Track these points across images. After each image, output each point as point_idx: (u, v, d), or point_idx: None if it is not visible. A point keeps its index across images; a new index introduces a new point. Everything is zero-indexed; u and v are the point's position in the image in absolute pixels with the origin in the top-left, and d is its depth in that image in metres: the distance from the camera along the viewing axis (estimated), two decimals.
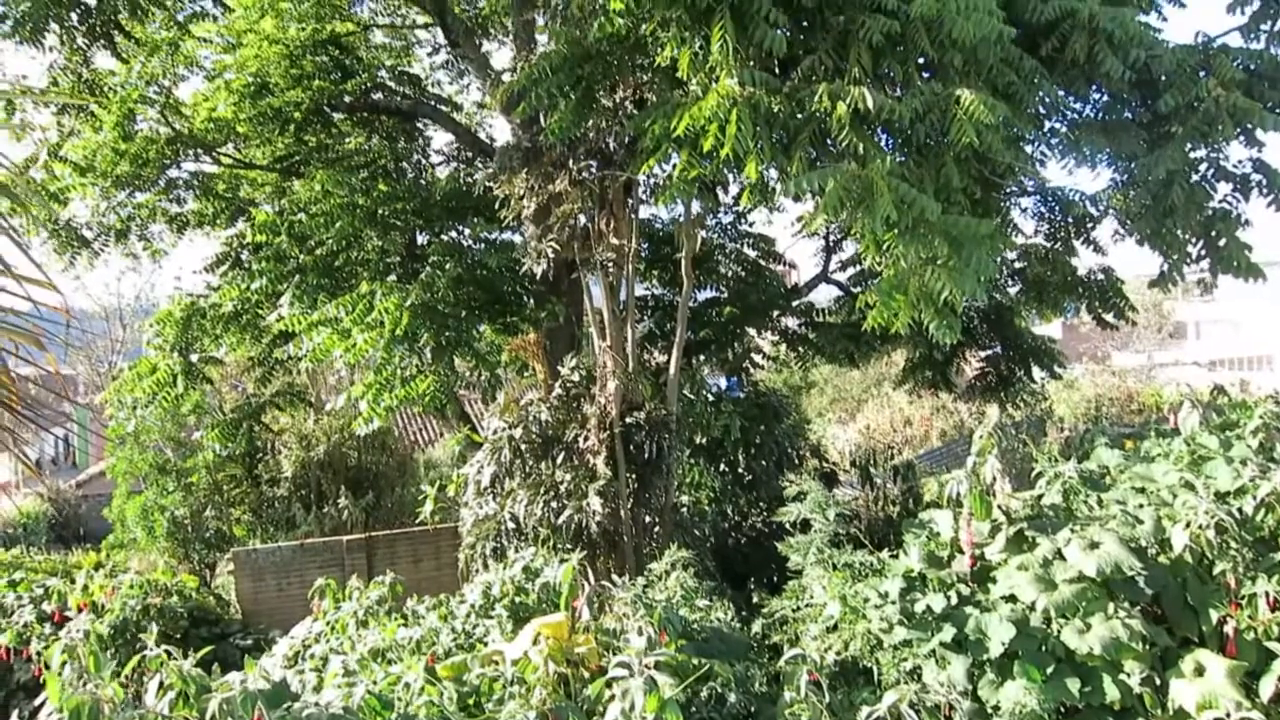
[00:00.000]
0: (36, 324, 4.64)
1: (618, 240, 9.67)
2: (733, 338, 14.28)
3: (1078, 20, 8.59)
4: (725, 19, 7.27)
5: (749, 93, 7.05)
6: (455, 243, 12.42)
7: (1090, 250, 12.05)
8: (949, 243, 6.59)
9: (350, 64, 14.22)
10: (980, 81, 8.00)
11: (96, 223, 14.99)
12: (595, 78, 8.47)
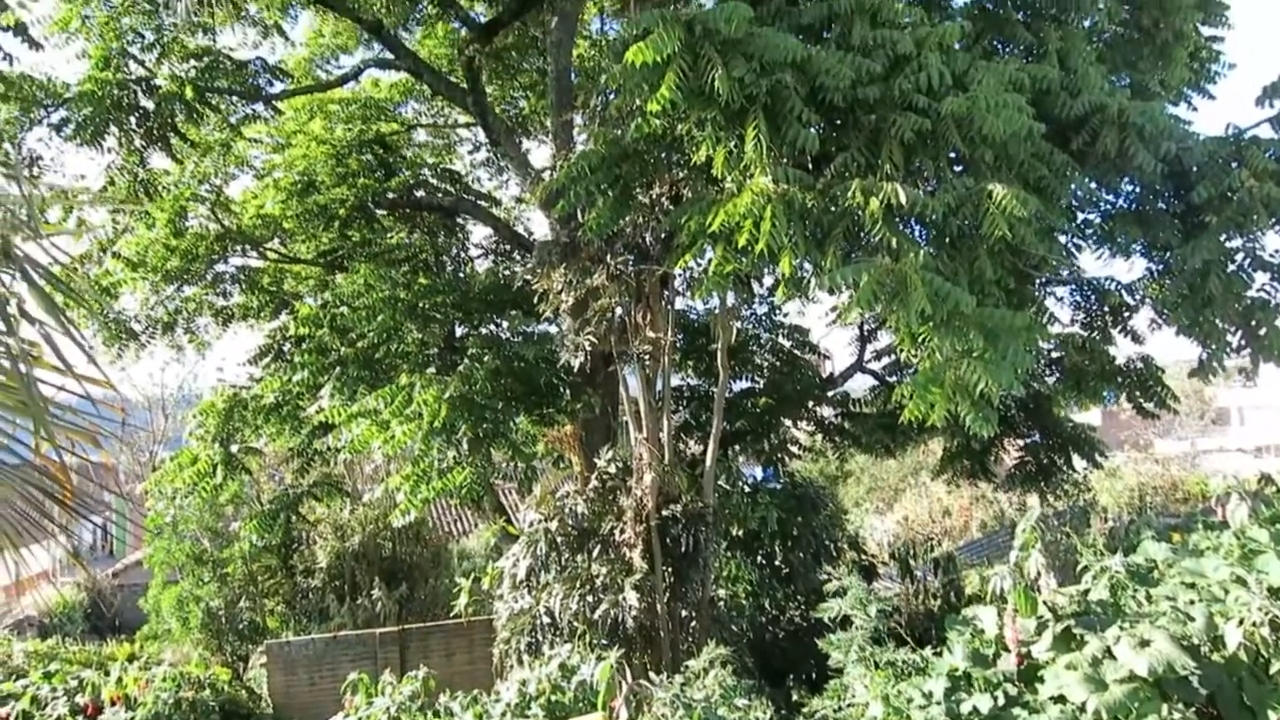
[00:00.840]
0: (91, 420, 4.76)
1: (654, 333, 9.77)
2: (769, 428, 14.25)
3: (1107, 115, 8.72)
4: (759, 119, 7.46)
5: (783, 189, 7.19)
6: (493, 335, 12.60)
7: (1128, 339, 11.98)
8: (984, 335, 6.60)
9: (394, 162, 14.69)
10: (1012, 175, 8.11)
11: (145, 315, 15.42)
12: (632, 175, 8.68)
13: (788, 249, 7.01)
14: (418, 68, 12.83)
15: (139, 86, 12.49)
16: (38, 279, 4.38)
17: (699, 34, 7.46)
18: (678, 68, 7.34)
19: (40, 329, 4.43)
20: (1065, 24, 10.02)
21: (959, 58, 8.24)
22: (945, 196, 7.41)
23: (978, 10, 10.54)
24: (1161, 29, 10.82)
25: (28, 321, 4.40)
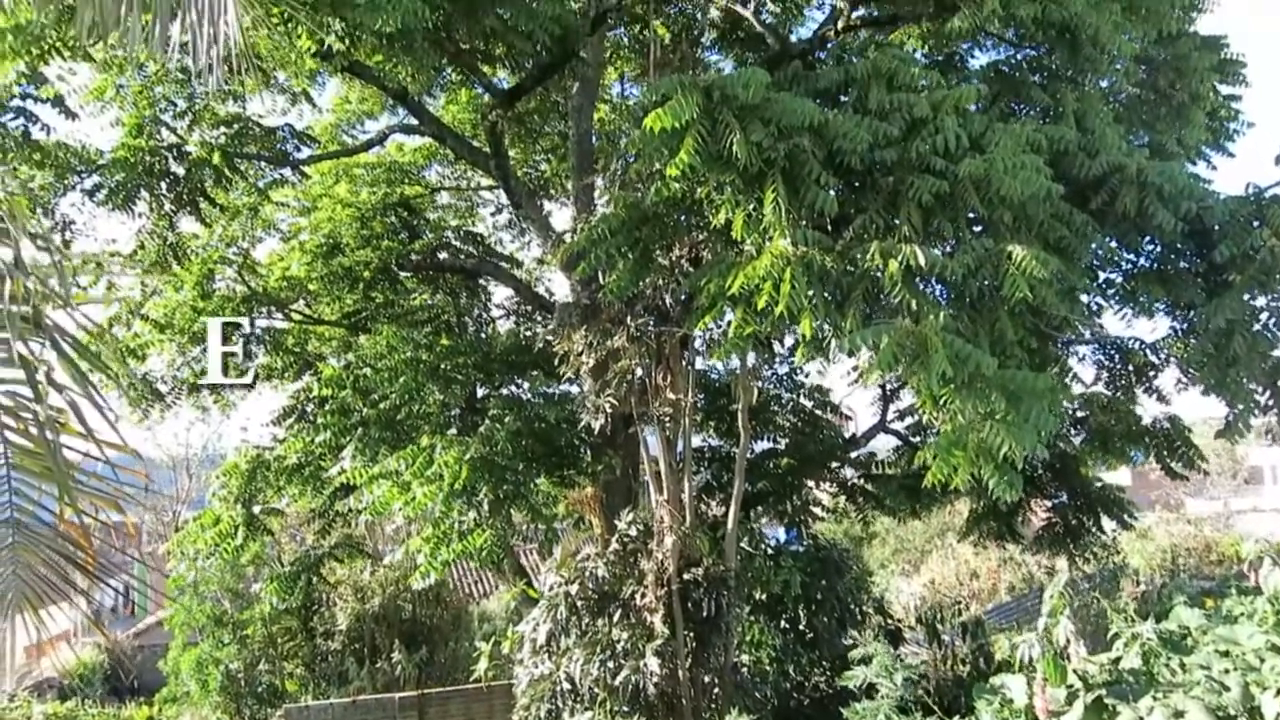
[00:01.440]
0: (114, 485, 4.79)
1: (674, 395, 9.77)
2: (791, 489, 14.14)
3: (1126, 175, 8.73)
4: (777, 182, 7.52)
5: (802, 252, 7.22)
6: (514, 396, 12.64)
7: (1154, 399, 11.86)
8: (1007, 398, 6.55)
9: (418, 225, 14.90)
10: (1031, 236, 8.11)
11: (171, 376, 15.58)
12: (652, 238, 8.75)
13: (807, 311, 7.02)
14: (441, 133, 13.06)
15: (170, 153, 12.77)
16: (66, 348, 4.45)
17: (717, 100, 7.57)
18: (696, 133, 7.43)
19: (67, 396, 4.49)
20: (1081, 86, 10.09)
21: (976, 120, 8.31)
22: (964, 258, 7.42)
23: (994, 73, 10.65)
24: (1178, 90, 10.88)
25: (55, 389, 4.47)
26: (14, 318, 4.19)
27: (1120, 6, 9.82)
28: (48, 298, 4.45)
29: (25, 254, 4.36)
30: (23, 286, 4.18)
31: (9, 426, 4.45)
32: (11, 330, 4.21)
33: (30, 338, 4.41)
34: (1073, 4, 8.95)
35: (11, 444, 4.47)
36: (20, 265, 4.18)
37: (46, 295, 4.45)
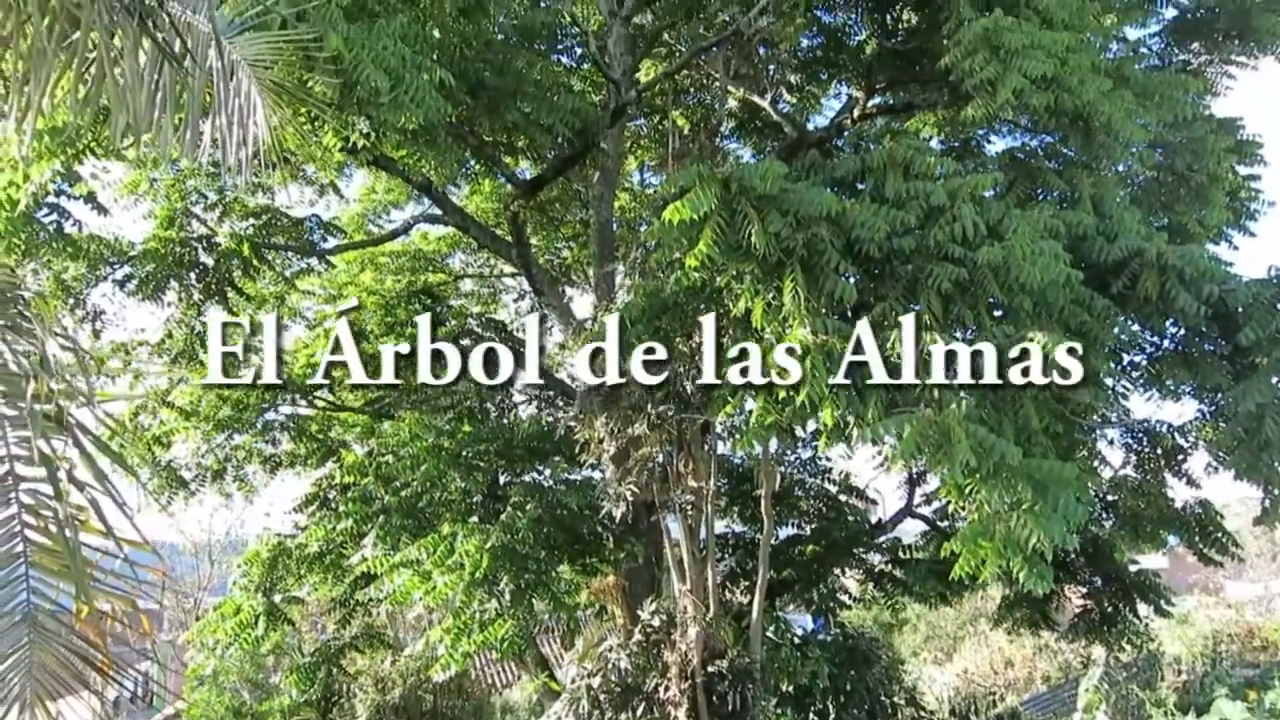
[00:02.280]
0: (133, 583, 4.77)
1: (696, 482, 9.70)
2: (817, 577, 13.89)
3: (1146, 259, 8.73)
4: (795, 271, 7.58)
5: (821, 340, 7.23)
6: (536, 483, 12.59)
7: (1184, 483, 11.65)
8: (1033, 487, 6.46)
9: (441, 312, 15.05)
10: (1052, 322, 8.09)
11: (195, 464, 15.64)
12: (673, 327, 8.81)
13: (828, 400, 6.99)
14: (465, 223, 13.29)
15: (200, 243, 13.04)
16: (88, 445, 4.49)
17: (735, 191, 7.68)
18: (715, 223, 7.53)
19: (88, 495, 4.51)
20: (1097, 171, 10.14)
21: (992, 207, 8.36)
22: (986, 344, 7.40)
23: (1009, 159, 10.74)
24: (1196, 172, 10.91)
25: (76, 487, 4.49)
26: (37, 416, 4.24)
27: (1133, 93, 9.93)
28: (71, 395, 4.50)
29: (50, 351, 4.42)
30: (47, 386, 4.23)
31: (30, 525, 4.47)
32: (34, 429, 4.26)
33: (53, 435, 4.45)
34: (1085, 93, 9.05)
35: (31, 542, 4.48)
36: (45, 365, 4.25)
37: (70, 393, 4.50)
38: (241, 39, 5.38)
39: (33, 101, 4.95)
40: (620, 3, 11.91)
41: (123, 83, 4.82)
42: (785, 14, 11.15)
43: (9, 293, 4.31)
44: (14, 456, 4.37)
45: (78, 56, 4.85)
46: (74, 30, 4.68)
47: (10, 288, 4.34)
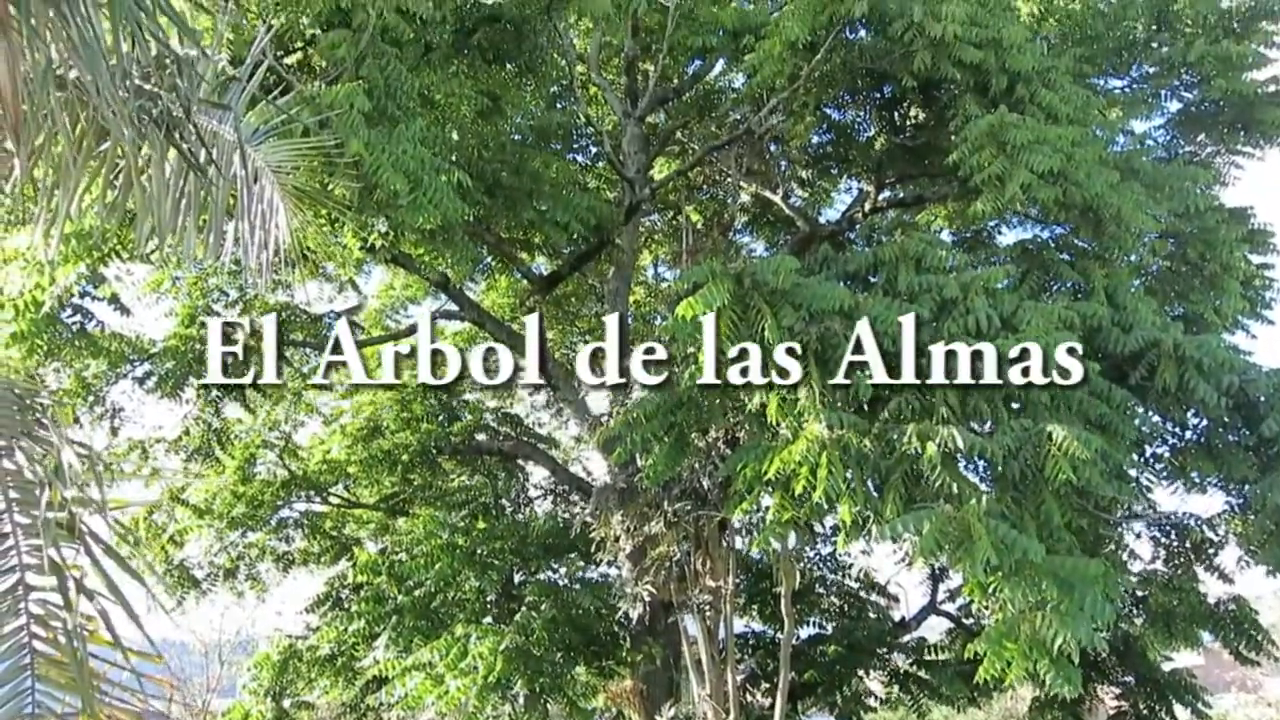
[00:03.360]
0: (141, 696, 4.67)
1: (714, 581, 9.54)
2: (840, 679, 13.51)
3: (1163, 350, 8.70)
4: (810, 366, 7.57)
5: (837, 435, 7.18)
6: (551, 582, 12.41)
7: (1216, 577, 11.34)
8: (1058, 585, 6.31)
9: (457, 407, 15.06)
10: (1071, 414, 8.03)
11: (208, 562, 15.51)
12: (688, 422, 8.76)
13: (846, 496, 6.91)
14: (481, 318, 13.40)
15: None
16: (99, 554, 4.44)
17: (748, 286, 7.74)
18: (728, 319, 7.57)
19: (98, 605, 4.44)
20: (1110, 262, 10.18)
21: (1006, 299, 8.39)
22: (1004, 439, 7.34)
23: (1021, 251, 10.81)
24: (1209, 262, 10.94)
25: (86, 597, 4.43)
26: (49, 525, 4.21)
27: (1142, 185, 10.04)
28: (85, 503, 4.48)
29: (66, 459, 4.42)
30: (60, 494, 4.21)
31: (38, 635, 4.41)
32: (46, 538, 4.23)
33: (64, 544, 4.42)
34: (1093, 186, 9.15)
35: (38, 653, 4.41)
36: (60, 473, 4.24)
37: (84, 500, 4.48)
38: (265, 146, 5.51)
39: (61, 210, 5.06)
40: (634, 103, 12.20)
41: (149, 190, 4.92)
42: (795, 113, 11.38)
43: (28, 399, 4.32)
44: (25, 566, 4.33)
45: (106, 165, 4.97)
46: (102, 141, 4.80)
47: (29, 395, 4.36)
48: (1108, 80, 12.82)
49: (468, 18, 9.41)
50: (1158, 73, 12.19)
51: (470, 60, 9.88)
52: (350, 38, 7.90)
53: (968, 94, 9.77)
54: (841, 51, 10.24)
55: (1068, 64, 10.54)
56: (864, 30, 10.32)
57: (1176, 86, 12.33)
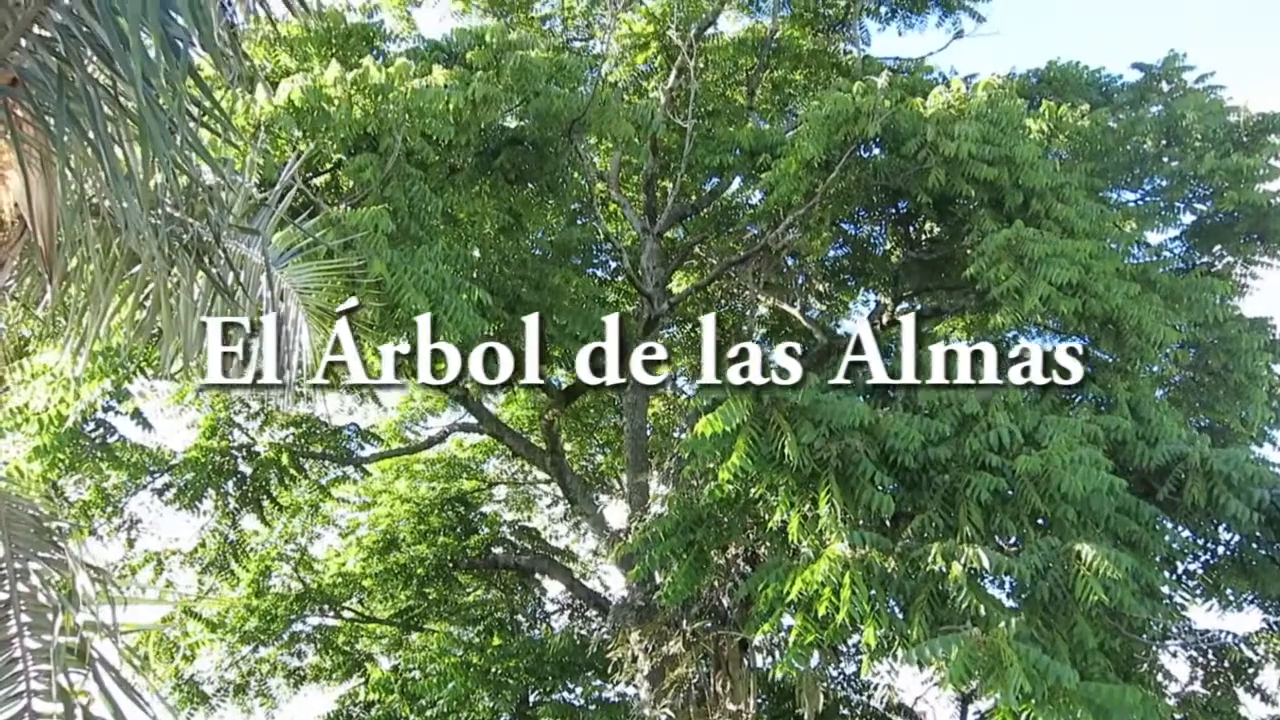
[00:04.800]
0: None
1: (735, 704, 9.25)
2: None
3: (1190, 464, 8.57)
4: (831, 482, 7.50)
5: (860, 555, 7.07)
6: (567, 703, 12.09)
7: (1258, 699, 10.89)
8: (1094, 713, 6.08)
9: (474, 520, 14.96)
10: (1099, 532, 7.88)
11: (219, 677, 15.23)
12: (707, 540, 8.65)
13: (870, 618, 6.74)
14: (500, 431, 13.41)
15: (240, 453, 13.22)
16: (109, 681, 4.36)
17: (767, 403, 7.71)
18: (748, 435, 7.52)
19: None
20: (1131, 373, 10.11)
21: (1027, 414, 8.32)
22: (1031, 558, 7.18)
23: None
24: (1232, 372, 10.86)
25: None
26: (60, 651, 4.15)
27: (1160, 296, 10.05)
28: (96, 628, 4.42)
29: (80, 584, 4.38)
30: (72, 620, 4.16)
31: None
32: (55, 664, 4.16)
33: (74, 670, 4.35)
34: (1112, 298, 9.17)
35: None
36: (73, 597, 4.19)
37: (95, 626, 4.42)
38: (290, 268, 5.62)
39: (90, 331, 5.13)
40: (652, 219, 12.43)
41: (177, 312, 5.00)
42: (812, 228, 11.55)
43: (45, 521, 4.31)
44: (33, 692, 4.25)
45: (136, 288, 5.06)
46: (133, 265, 4.90)
47: (47, 517, 4.35)
48: (1120, 193, 12.96)
49: (491, 140, 9.68)
50: (1170, 185, 12.31)
51: (493, 180, 10.13)
52: (376, 161, 8.14)
53: (983, 209, 9.90)
54: (856, 169, 10.42)
55: (1080, 179, 10.68)
56: (878, 149, 10.52)
57: (1189, 199, 12.42)
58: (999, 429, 7.84)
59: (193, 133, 3.48)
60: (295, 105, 7.98)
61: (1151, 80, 12.67)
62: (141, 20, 3.01)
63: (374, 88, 8.28)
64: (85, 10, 3.11)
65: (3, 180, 4.08)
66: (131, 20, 2.97)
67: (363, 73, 8.40)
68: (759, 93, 14.29)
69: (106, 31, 3.03)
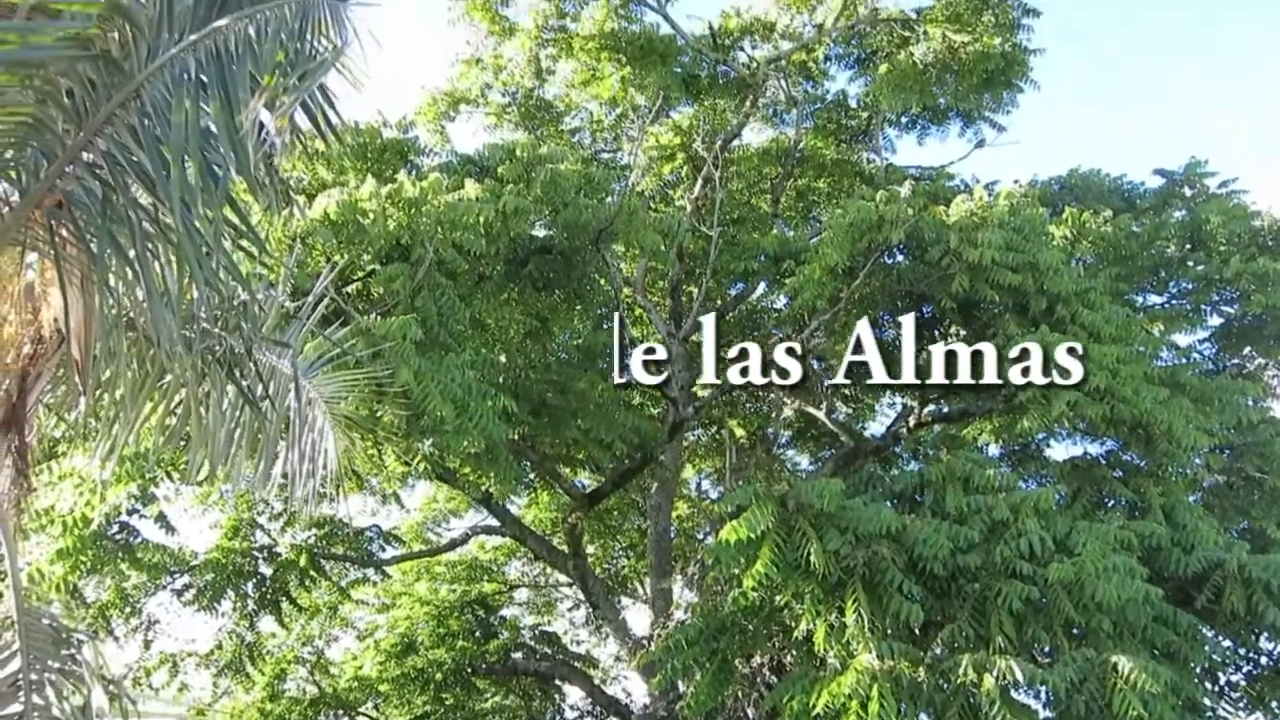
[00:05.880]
0: None
1: None
2: None
3: (1227, 571, 8.41)
4: (858, 591, 7.37)
5: (888, 666, 6.91)
6: None
7: None
8: None
9: (494, 623, 14.74)
10: (1136, 642, 7.68)
11: None
12: (732, 648, 8.49)
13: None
14: (522, 534, 13.32)
15: (261, 554, 13.19)
16: None
17: (793, 509, 7.66)
18: (773, 542, 7.44)
19: None
20: (1164, 478, 9.96)
21: (1058, 521, 8.20)
22: (1065, 670, 6.99)
23: (1071, 468, 10.64)
24: (1267, 475, 10.69)
25: None
26: None
27: (1190, 400, 9.95)
28: None
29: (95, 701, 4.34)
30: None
31: None
32: None
33: None
34: (1141, 402, 9.08)
35: None
36: (87, 712, 4.16)
37: None
38: (319, 377, 5.69)
39: (120, 440, 5.20)
40: (678, 323, 12.53)
41: (206, 422, 5.06)
42: (837, 332, 11.59)
43: (64, 634, 4.31)
44: None
45: (166, 398, 5.14)
46: (164, 375, 4.99)
47: (65, 628, 4.35)
48: (1146, 297, 12.97)
49: (520, 249, 9.87)
50: (1196, 289, 12.32)
51: (521, 287, 10.30)
52: (407, 271, 8.31)
53: (1007, 314, 9.91)
54: (880, 275, 10.51)
55: (1105, 283, 10.71)
56: (902, 255, 10.62)
57: (1216, 302, 12.42)
58: (1029, 536, 7.71)
59: (228, 254, 3.59)
60: (331, 219, 8.22)
61: (1174, 186, 12.81)
62: (184, 148, 3.14)
63: (408, 201, 8.53)
64: (130, 139, 3.25)
65: (44, 297, 4.21)
66: (174, 149, 3.10)
67: (397, 188, 8.66)
68: (783, 200, 14.55)
69: (150, 159, 3.16)
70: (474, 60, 14.56)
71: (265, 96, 3.12)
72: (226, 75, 3.04)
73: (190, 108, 3.08)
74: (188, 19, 3.11)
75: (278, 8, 3.11)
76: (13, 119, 3.30)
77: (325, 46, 3.36)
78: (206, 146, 3.27)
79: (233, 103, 3.05)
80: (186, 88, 3.05)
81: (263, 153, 3.23)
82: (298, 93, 3.21)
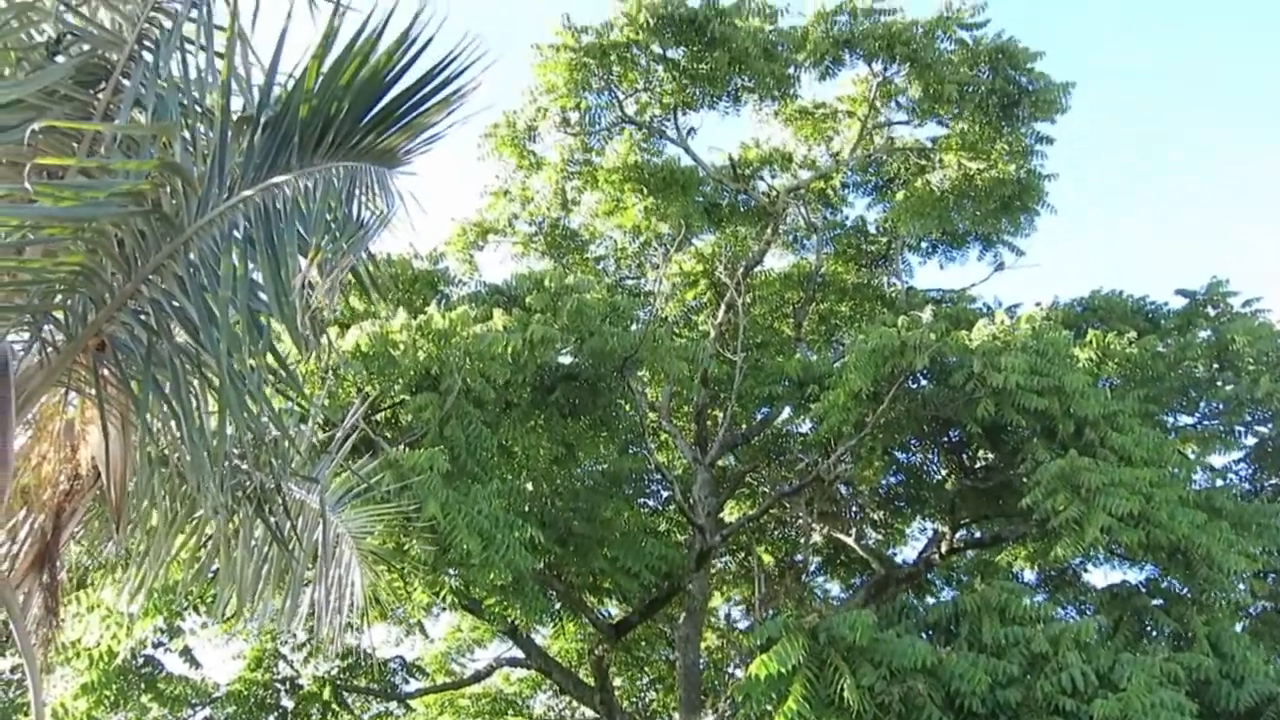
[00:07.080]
0: None
1: None
2: None
3: (1278, 705, 8.06)
4: None
5: None
6: None
7: None
8: None
9: None
10: None
11: None
12: None
13: None
14: (548, 666, 13.03)
15: (283, 685, 12.96)
16: None
17: (824, 642, 7.48)
18: (804, 677, 7.25)
19: None
20: (1207, 605, 9.67)
21: (1100, 654, 7.95)
22: None
23: (1110, 597, 10.36)
24: None
25: None
26: None
27: (1228, 523, 9.73)
28: None
29: None
30: None
31: None
32: None
33: None
34: (1177, 527, 8.90)
35: None
36: None
37: None
38: (347, 512, 5.72)
39: (149, 576, 5.21)
40: (703, 449, 12.51)
41: (234, 557, 5.08)
42: (863, 458, 11.53)
43: None
44: None
45: (196, 534, 5.17)
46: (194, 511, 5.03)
47: None
48: (1176, 417, 12.83)
49: (547, 377, 9.99)
50: (1227, 409, 12.19)
51: (547, 414, 10.37)
52: (436, 400, 8.42)
53: (1035, 438, 9.84)
54: (905, 400, 10.51)
55: (1134, 405, 10.61)
56: (926, 380, 10.64)
57: (1249, 422, 12.27)
58: (1071, 670, 7.47)
59: (266, 398, 3.67)
60: (363, 351, 8.40)
61: (1197, 305, 12.82)
62: (230, 300, 3.25)
63: (437, 333, 8.71)
64: (177, 288, 3.37)
65: (83, 436, 4.29)
66: (220, 300, 3.21)
67: (427, 319, 8.86)
68: (806, 324, 14.69)
69: (196, 308, 3.27)
70: (502, 192, 15.05)
71: (315, 258, 3.24)
72: (274, 232, 3.17)
73: (238, 261, 3.20)
74: (238, 177, 3.26)
75: (326, 171, 3.26)
76: (63, 268, 3.44)
77: (371, 210, 3.50)
78: (251, 298, 3.39)
79: (279, 259, 3.17)
80: (235, 242, 3.18)
81: (304, 304, 3.34)
82: (346, 257, 3.33)
